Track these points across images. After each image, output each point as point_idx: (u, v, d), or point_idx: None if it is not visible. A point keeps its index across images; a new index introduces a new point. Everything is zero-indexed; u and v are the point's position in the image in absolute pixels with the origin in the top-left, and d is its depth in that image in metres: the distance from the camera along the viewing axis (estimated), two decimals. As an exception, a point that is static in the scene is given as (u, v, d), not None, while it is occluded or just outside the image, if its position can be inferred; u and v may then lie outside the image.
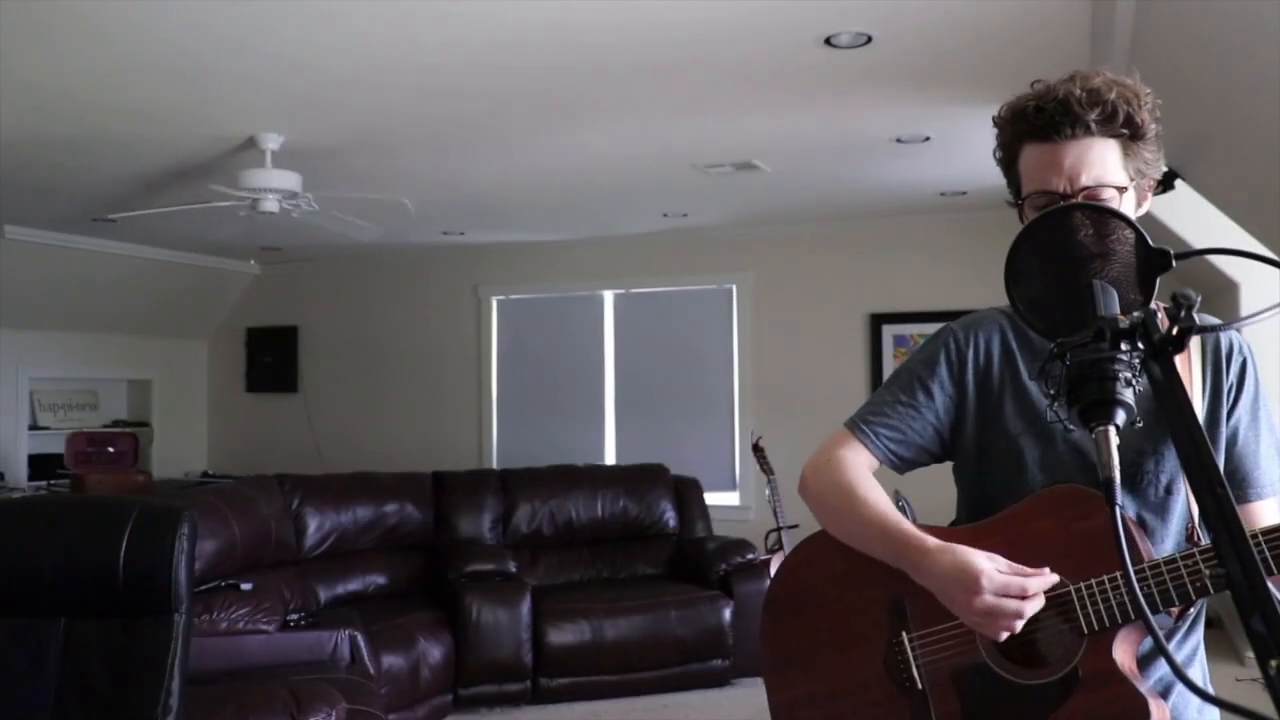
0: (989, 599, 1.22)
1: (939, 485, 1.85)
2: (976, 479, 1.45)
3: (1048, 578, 1.24)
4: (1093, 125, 1.28)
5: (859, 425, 1.46)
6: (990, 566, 1.24)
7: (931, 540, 1.31)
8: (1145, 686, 1.26)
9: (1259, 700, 0.72)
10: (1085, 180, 1.29)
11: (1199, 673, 1.41)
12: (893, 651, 1.39)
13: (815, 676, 1.46)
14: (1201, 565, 1.19)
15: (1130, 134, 1.30)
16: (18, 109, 3.96)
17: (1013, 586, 1.22)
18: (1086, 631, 1.25)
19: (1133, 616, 1.22)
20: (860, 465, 1.44)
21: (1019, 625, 1.23)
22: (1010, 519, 1.35)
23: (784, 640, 1.51)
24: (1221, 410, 1.37)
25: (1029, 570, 1.25)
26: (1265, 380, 1.42)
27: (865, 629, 1.41)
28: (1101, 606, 1.24)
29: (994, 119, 1.39)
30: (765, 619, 1.54)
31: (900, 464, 1.47)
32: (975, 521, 1.41)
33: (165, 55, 3.40)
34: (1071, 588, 1.27)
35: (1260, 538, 1.16)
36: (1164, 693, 1.29)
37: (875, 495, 1.41)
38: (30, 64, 3.46)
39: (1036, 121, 1.30)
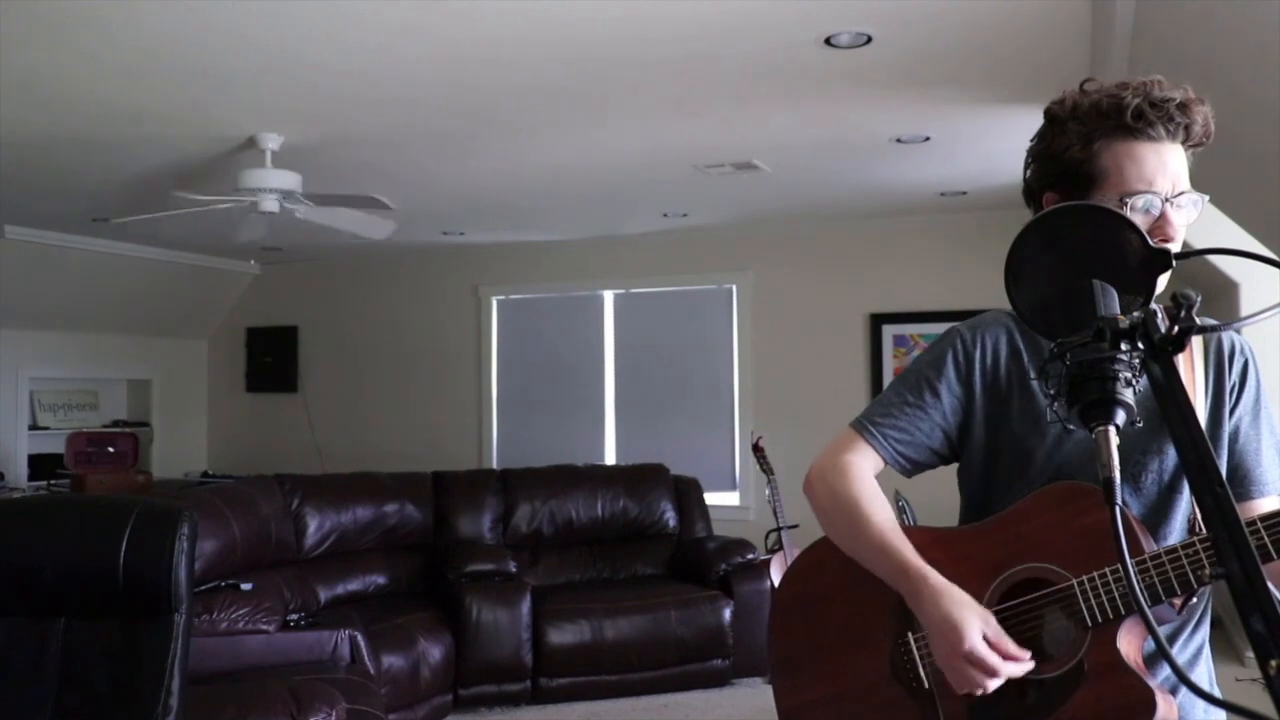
0: (960, 662, 1.26)
1: (940, 486, 1.85)
2: (983, 480, 1.45)
3: (1024, 665, 1.27)
4: (1194, 133, 1.32)
5: (866, 427, 1.46)
6: (977, 632, 1.26)
7: (933, 578, 1.31)
8: (1154, 682, 1.26)
9: (1259, 700, 0.72)
10: (1182, 185, 1.31)
11: (1204, 671, 1.41)
12: (899, 652, 1.39)
13: (823, 680, 1.46)
14: (1202, 554, 1.20)
15: (1198, 146, 1.34)
16: (18, 109, 3.96)
17: (987, 662, 1.25)
18: (1090, 624, 1.26)
19: (1147, 606, 1.22)
20: (866, 473, 1.44)
21: (979, 693, 1.26)
22: (1011, 517, 1.35)
23: (792, 645, 1.51)
24: (1224, 410, 1.38)
25: (1013, 650, 1.26)
26: (1266, 380, 1.43)
27: (872, 631, 1.42)
28: (1104, 599, 1.25)
29: (1061, 107, 1.36)
30: (773, 624, 1.54)
31: (908, 466, 1.46)
32: (979, 520, 1.41)
33: (165, 55, 3.40)
34: (1074, 581, 1.27)
35: (1259, 524, 1.17)
36: (1173, 689, 1.29)
37: (879, 513, 1.40)
38: (31, 64, 3.46)
39: (1153, 118, 1.30)
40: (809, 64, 3.53)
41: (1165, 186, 1.30)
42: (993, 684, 1.25)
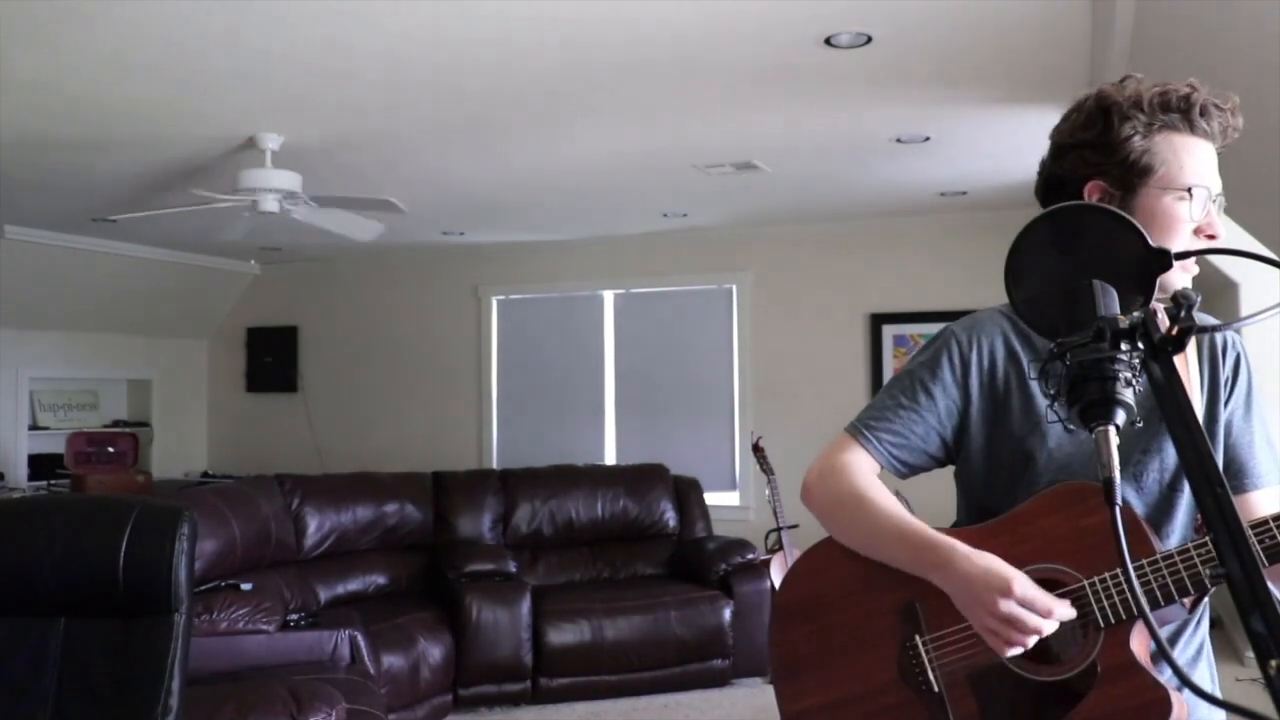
0: (1014, 607, 1.22)
1: (939, 486, 1.85)
2: (983, 481, 1.44)
3: (1069, 610, 1.25)
4: (1229, 139, 1.35)
5: (861, 431, 1.45)
6: (1024, 576, 1.25)
7: (960, 543, 1.31)
8: (1163, 679, 1.26)
9: (1260, 700, 0.73)
10: (1220, 186, 1.34)
11: (1206, 668, 1.42)
12: (907, 655, 1.38)
13: (828, 684, 1.44)
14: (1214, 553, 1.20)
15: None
16: (18, 109, 3.96)
17: (1040, 602, 1.23)
18: (1103, 625, 1.25)
19: (1148, 609, 1.22)
20: (865, 471, 1.43)
21: (1031, 642, 1.23)
22: (1017, 518, 1.35)
23: (794, 649, 1.49)
24: (1219, 404, 1.39)
25: (1054, 597, 1.25)
26: (1265, 380, 1.43)
27: (877, 634, 1.41)
28: (1117, 600, 1.25)
29: (1120, 94, 1.33)
30: (774, 628, 1.52)
31: (904, 469, 1.45)
32: (979, 522, 1.40)
33: (165, 55, 3.40)
34: (1085, 582, 1.27)
35: (1271, 523, 1.17)
36: (1178, 686, 1.29)
37: (885, 500, 1.40)
38: (30, 64, 3.46)
39: (1214, 116, 1.32)
40: (809, 64, 3.53)
41: (1215, 184, 1.33)
42: (1048, 627, 1.22)
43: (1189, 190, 1.30)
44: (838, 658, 1.44)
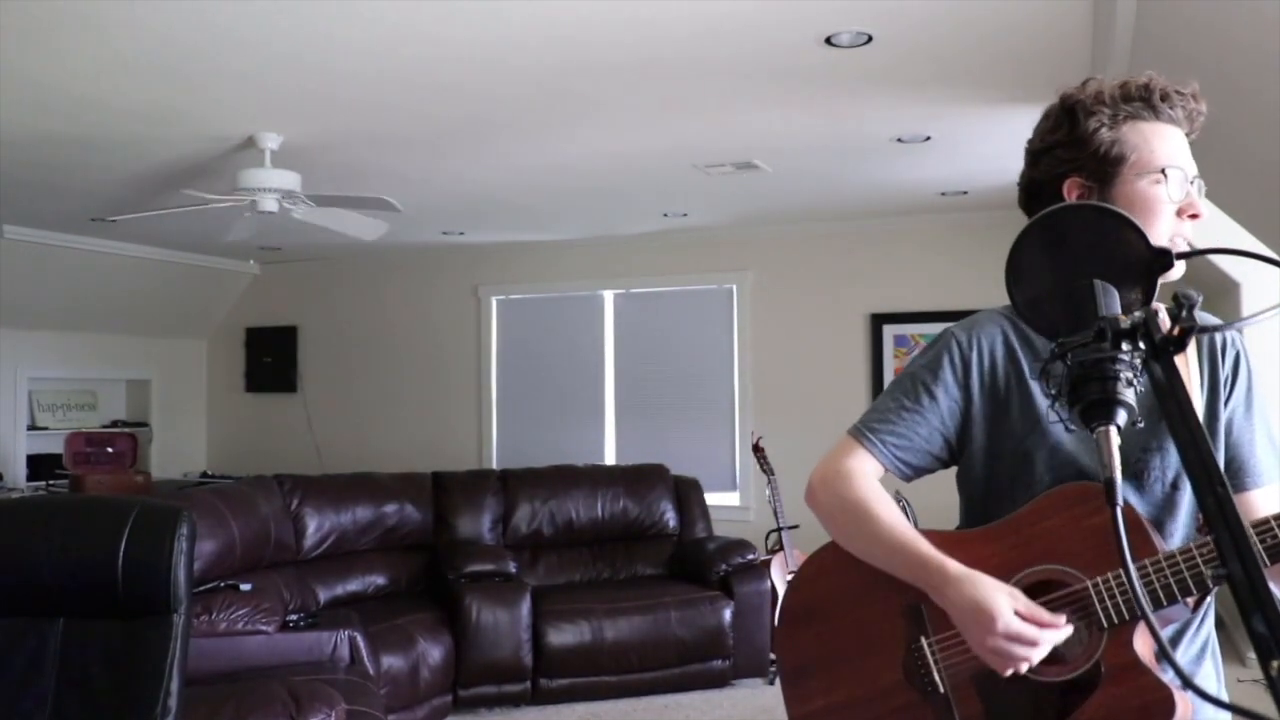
0: (1000, 642, 1.23)
1: (939, 488, 1.85)
2: (985, 482, 1.44)
3: (1063, 630, 1.25)
4: (1196, 125, 1.37)
5: (864, 434, 1.45)
6: (1008, 609, 1.24)
7: (952, 566, 1.31)
8: (1166, 678, 1.26)
9: (1262, 701, 0.72)
10: (1195, 170, 1.35)
11: (1211, 666, 1.42)
12: (912, 657, 1.38)
13: (835, 686, 1.45)
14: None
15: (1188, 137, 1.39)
16: (18, 108, 3.96)
17: (1026, 635, 1.23)
18: (1106, 626, 1.25)
19: (1151, 609, 1.22)
20: (869, 477, 1.43)
21: (1024, 669, 1.24)
22: (1021, 519, 1.35)
23: (801, 651, 1.50)
24: (1220, 402, 1.39)
25: (1047, 617, 1.25)
26: (1265, 381, 1.43)
27: (883, 636, 1.41)
28: (1120, 600, 1.25)
29: (1082, 93, 1.38)
30: (781, 632, 1.53)
31: (908, 471, 1.45)
32: (982, 524, 1.40)
33: (165, 54, 3.40)
34: (1089, 583, 1.27)
35: (1272, 522, 1.17)
36: (1183, 686, 1.29)
37: (888, 512, 1.40)
38: (30, 63, 3.46)
39: (1176, 102, 1.34)
40: (809, 64, 3.53)
41: (1190, 167, 1.34)
42: (1037, 655, 1.24)
43: (1163, 172, 1.32)
44: (844, 660, 1.44)
